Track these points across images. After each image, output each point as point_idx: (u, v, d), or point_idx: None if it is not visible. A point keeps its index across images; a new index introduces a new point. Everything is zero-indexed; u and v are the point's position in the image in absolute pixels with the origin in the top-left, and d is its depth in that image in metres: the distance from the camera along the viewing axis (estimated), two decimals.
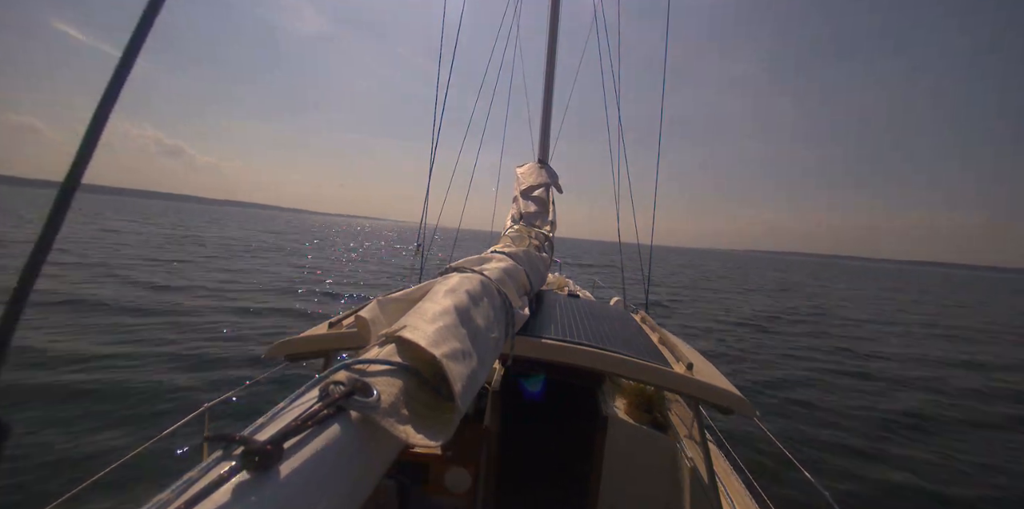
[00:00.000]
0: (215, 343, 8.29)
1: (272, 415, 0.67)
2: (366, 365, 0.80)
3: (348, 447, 0.67)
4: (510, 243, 3.04)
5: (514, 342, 1.67)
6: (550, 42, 5.34)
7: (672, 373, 1.90)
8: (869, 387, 9.36)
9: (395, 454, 0.83)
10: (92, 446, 4.56)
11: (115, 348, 7.43)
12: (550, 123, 5.33)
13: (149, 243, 26.31)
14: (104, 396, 5.67)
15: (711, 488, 2.04)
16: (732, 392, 1.81)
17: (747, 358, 10.85)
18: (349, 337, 1.97)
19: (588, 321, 2.56)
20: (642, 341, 2.44)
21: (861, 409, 7.86)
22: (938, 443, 6.77)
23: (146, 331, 8.57)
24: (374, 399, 0.72)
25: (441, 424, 0.81)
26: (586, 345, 1.99)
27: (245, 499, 0.51)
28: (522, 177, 4.48)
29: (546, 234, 3.74)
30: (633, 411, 3.02)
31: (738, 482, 2.73)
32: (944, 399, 8.96)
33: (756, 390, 8.28)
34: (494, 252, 2.22)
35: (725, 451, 3.14)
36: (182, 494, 0.50)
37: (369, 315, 1.12)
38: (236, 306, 11.60)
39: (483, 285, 1.40)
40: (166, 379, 6.38)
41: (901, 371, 10.91)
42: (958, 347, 15.30)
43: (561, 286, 5.65)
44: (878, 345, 14.27)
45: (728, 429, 4.68)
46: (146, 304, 10.70)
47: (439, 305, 1.10)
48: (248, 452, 0.54)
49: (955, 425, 7.62)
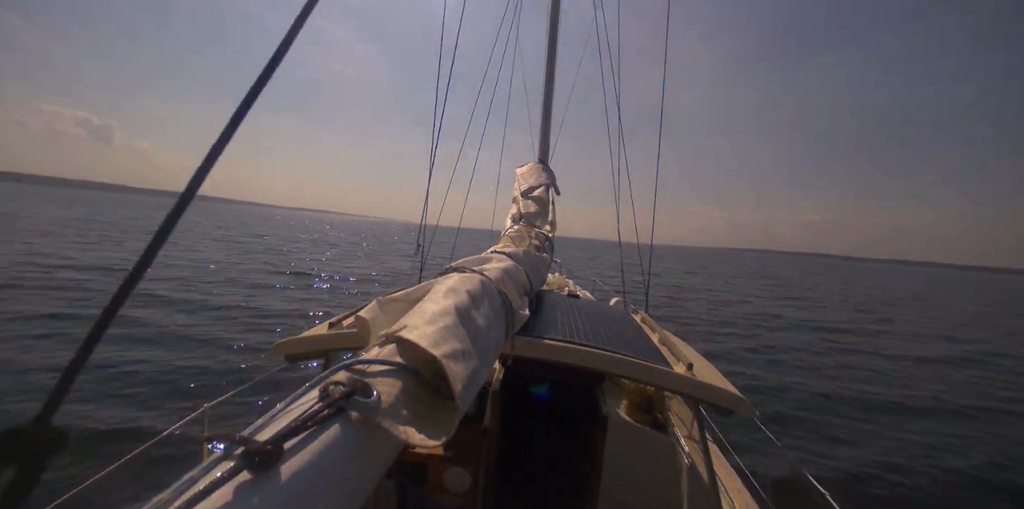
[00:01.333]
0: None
1: (272, 415, 0.67)
2: (366, 365, 0.80)
3: (348, 447, 0.67)
4: (510, 243, 3.04)
5: (514, 342, 1.67)
6: (550, 42, 5.35)
7: (672, 373, 1.90)
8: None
9: (395, 454, 0.83)
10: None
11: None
12: (550, 123, 5.33)
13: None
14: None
15: (711, 488, 2.04)
16: (732, 392, 1.81)
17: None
18: (349, 337, 1.97)
19: (588, 321, 2.56)
20: (642, 341, 2.44)
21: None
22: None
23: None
24: (374, 399, 0.72)
25: (441, 424, 0.81)
26: (586, 345, 1.99)
27: (245, 499, 0.51)
28: (522, 177, 4.48)
29: (546, 234, 3.75)
30: (633, 411, 3.02)
31: (738, 482, 2.73)
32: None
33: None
34: (494, 252, 2.22)
35: (725, 451, 3.14)
36: (182, 494, 0.50)
37: (369, 315, 1.12)
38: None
39: (483, 285, 1.40)
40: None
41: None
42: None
43: (561, 286, 5.65)
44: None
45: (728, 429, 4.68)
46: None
47: (439, 305, 1.10)
48: (248, 452, 0.54)
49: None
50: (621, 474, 2.61)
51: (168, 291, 12.50)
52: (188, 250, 23.61)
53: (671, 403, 3.44)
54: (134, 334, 8.45)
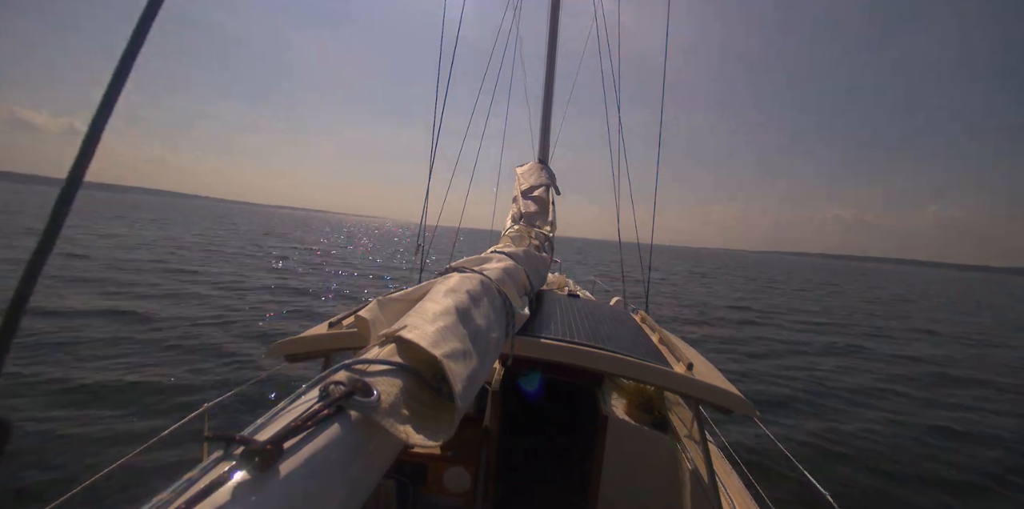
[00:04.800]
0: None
1: (272, 415, 0.67)
2: (366, 365, 0.80)
3: (348, 447, 0.67)
4: (510, 243, 3.04)
5: (514, 342, 1.67)
6: (550, 42, 5.34)
7: (672, 373, 1.90)
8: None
9: (395, 454, 0.83)
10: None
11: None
12: (550, 123, 5.33)
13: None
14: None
15: (711, 488, 2.03)
16: (732, 392, 1.81)
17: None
18: (349, 337, 1.97)
19: (588, 321, 2.56)
20: (642, 341, 2.44)
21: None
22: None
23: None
24: (374, 399, 0.72)
25: (441, 424, 0.81)
26: (586, 345, 1.99)
27: (245, 499, 0.51)
28: (522, 177, 4.48)
29: (546, 234, 3.74)
30: (633, 411, 3.02)
31: (738, 482, 2.73)
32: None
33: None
34: (494, 252, 2.22)
35: (725, 451, 3.13)
36: (182, 494, 0.50)
37: (369, 315, 1.12)
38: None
39: (483, 285, 1.40)
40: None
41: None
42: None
43: (561, 286, 5.64)
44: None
45: (728, 429, 4.65)
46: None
47: (439, 305, 1.10)
48: (248, 452, 0.54)
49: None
50: (621, 474, 2.61)
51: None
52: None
53: (671, 403, 3.44)
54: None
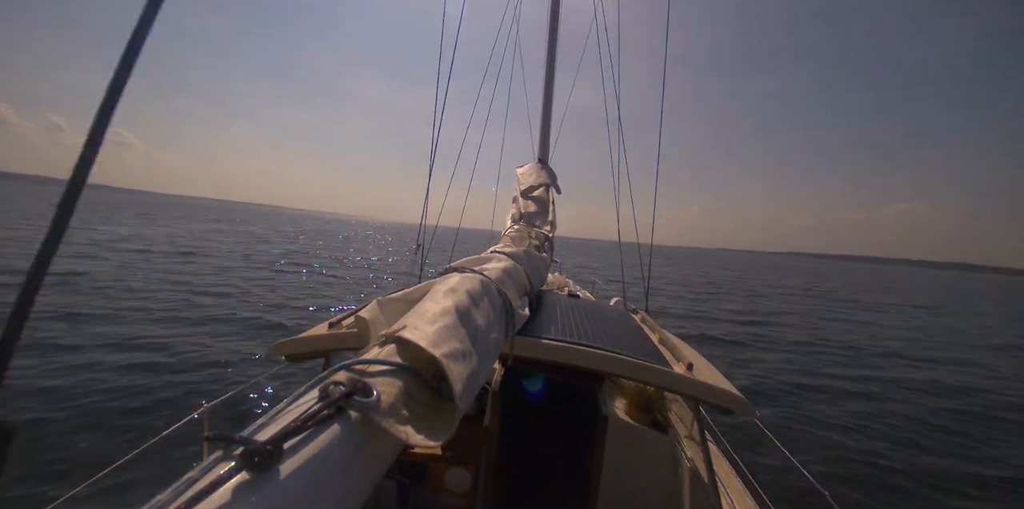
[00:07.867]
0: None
1: (272, 415, 0.67)
2: (366, 365, 0.80)
3: (348, 447, 0.67)
4: (510, 243, 3.04)
5: (514, 342, 1.67)
6: (550, 42, 5.34)
7: (672, 373, 1.90)
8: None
9: (395, 454, 0.83)
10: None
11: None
12: (550, 123, 5.33)
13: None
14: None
15: (711, 488, 2.04)
16: (732, 392, 1.81)
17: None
18: (349, 337, 1.97)
19: (588, 321, 2.56)
20: (642, 341, 2.44)
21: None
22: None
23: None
24: (374, 399, 0.72)
25: (441, 424, 0.81)
26: (586, 345, 1.99)
27: (245, 499, 0.51)
28: (522, 177, 4.48)
29: (546, 234, 3.74)
30: (633, 411, 3.02)
31: (738, 482, 2.73)
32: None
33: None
34: (494, 252, 2.22)
35: (725, 451, 3.14)
36: (182, 494, 0.50)
37: (369, 315, 1.12)
38: None
39: (483, 285, 1.40)
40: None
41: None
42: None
43: (561, 286, 5.65)
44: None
45: (728, 429, 4.65)
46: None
47: (439, 305, 1.10)
48: (248, 452, 0.54)
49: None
50: (621, 474, 2.61)
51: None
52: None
53: (671, 403, 3.44)
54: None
